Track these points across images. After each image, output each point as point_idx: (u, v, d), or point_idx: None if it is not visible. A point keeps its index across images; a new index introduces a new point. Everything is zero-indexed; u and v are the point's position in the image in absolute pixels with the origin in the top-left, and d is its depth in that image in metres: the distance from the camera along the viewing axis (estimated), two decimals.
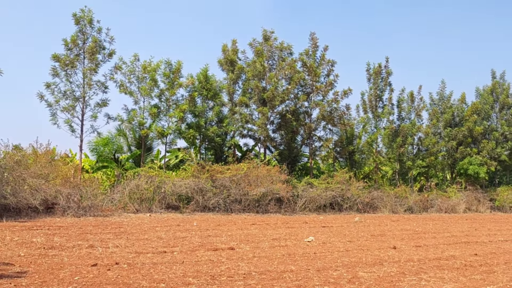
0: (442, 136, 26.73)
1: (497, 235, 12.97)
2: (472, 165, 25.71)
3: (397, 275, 6.56)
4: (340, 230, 13.06)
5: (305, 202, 19.66)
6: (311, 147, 23.06)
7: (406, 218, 19.09)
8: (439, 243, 10.68)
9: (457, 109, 27.35)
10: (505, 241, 11.67)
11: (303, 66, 22.04)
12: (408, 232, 13.06)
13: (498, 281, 6.36)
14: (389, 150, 24.53)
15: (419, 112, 25.31)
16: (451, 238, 11.97)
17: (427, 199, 23.65)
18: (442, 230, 13.99)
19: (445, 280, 6.38)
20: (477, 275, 6.79)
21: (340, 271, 6.79)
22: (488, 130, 27.89)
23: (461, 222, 17.77)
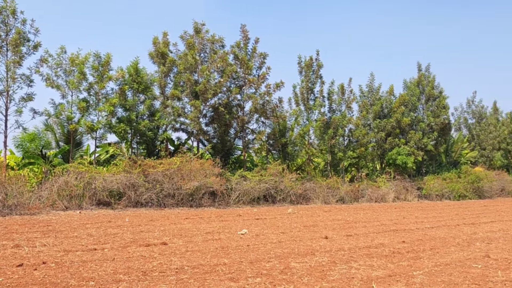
0: (372, 128, 30.22)
1: (424, 223, 14.60)
2: (400, 155, 29.39)
3: (328, 264, 7.27)
4: (273, 222, 14.20)
5: (239, 195, 21.49)
6: (244, 140, 25.35)
7: (338, 208, 21.30)
8: (369, 232, 11.83)
9: (385, 101, 31.00)
10: (431, 228, 13.11)
11: (235, 59, 24.23)
12: (340, 222, 14.47)
13: (424, 267, 7.18)
14: (321, 142, 27.47)
15: (350, 104, 28.47)
16: (381, 226, 13.30)
17: (358, 189, 26.76)
18: (372, 219, 15.64)
19: (374, 267, 7.09)
20: (405, 262, 7.61)
21: (272, 262, 7.42)
22: (415, 121, 31.87)
23: (390, 211, 20.03)
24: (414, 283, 6.12)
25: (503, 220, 15.73)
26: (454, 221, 15.41)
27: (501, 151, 40.44)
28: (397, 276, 6.54)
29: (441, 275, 6.63)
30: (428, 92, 32.29)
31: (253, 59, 24.71)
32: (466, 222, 14.87)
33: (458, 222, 15.06)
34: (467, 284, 6.14)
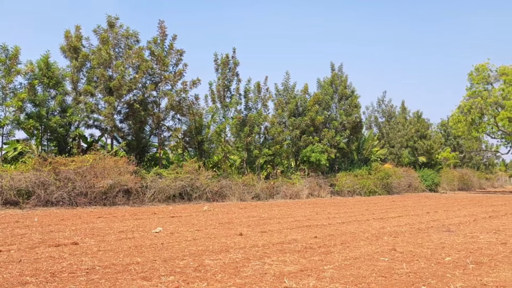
0: (287, 126, 32.69)
1: (335, 218, 15.64)
2: (314, 152, 32.07)
3: (242, 261, 7.64)
4: (188, 220, 14.83)
5: (154, 193, 22.55)
6: (160, 137, 26.61)
7: (253, 205, 22.76)
8: (283, 228, 12.54)
9: (300, 99, 33.61)
10: (343, 223, 14.06)
11: (151, 55, 25.41)
12: (255, 219, 15.26)
13: (335, 261, 7.68)
14: (237, 139, 29.37)
15: (265, 102, 30.68)
16: (294, 222, 14.13)
17: (273, 186, 28.98)
18: (286, 216, 16.63)
19: (287, 262, 7.55)
20: (316, 256, 8.10)
21: (187, 260, 7.70)
22: (329, 119, 34.85)
23: (304, 207, 21.48)
24: (324, 277, 6.54)
25: (409, 215, 17.17)
26: (364, 216, 16.67)
27: (408, 149, 45.05)
28: (308, 270, 6.96)
29: (350, 268, 7.14)
30: (341, 91, 35.41)
31: (170, 55, 26.02)
32: (375, 217, 16.08)
33: (368, 217, 16.26)
34: (374, 276, 6.61)
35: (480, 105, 40.32)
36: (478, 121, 41.93)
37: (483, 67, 43.81)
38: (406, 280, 6.41)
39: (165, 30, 26.16)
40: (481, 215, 16.98)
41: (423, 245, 9.52)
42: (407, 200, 28.98)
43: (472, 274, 6.76)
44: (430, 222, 14.51)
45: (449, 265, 7.43)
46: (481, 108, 40.58)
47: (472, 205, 23.16)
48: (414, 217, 16.17)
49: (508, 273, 6.89)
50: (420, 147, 46.38)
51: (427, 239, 10.37)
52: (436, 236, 10.91)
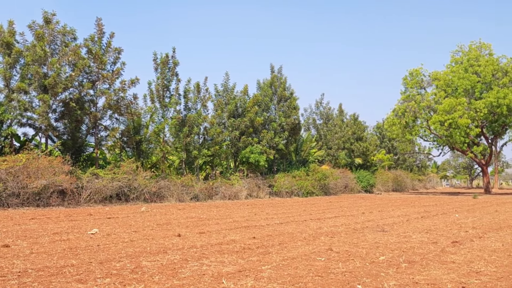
0: (226, 126, 33.70)
1: (274, 219, 16.05)
2: (253, 153, 33.23)
3: (180, 262, 7.72)
4: (125, 221, 14.88)
5: (90, 194, 22.75)
6: (97, 137, 26.82)
7: (192, 206, 23.21)
8: (222, 229, 12.71)
9: (240, 100, 34.73)
10: (281, 223, 14.41)
11: (89, 53, 25.63)
12: (193, 220, 15.51)
13: (272, 261, 7.84)
14: (176, 139, 30.02)
15: (205, 103, 31.55)
16: (233, 223, 14.40)
17: (212, 187, 29.83)
18: (225, 216, 16.99)
19: (225, 263, 7.65)
20: (254, 257, 8.24)
21: (123, 261, 7.69)
22: (268, 121, 36.17)
23: (243, 208, 22.03)
24: (262, 277, 6.66)
25: (345, 215, 17.73)
26: (302, 216, 17.11)
27: (345, 151, 47.32)
28: (246, 271, 7.07)
29: (287, 268, 7.29)
30: (280, 93, 36.83)
31: (108, 53, 26.34)
32: (313, 218, 16.54)
33: (306, 217, 16.68)
34: (311, 276, 6.79)
35: (414, 109, 42.96)
36: (411, 124, 44.57)
37: (416, 72, 46.75)
38: (342, 279, 6.63)
39: (102, 27, 26.42)
40: (414, 216, 17.68)
41: (358, 245, 9.84)
42: (344, 201, 30.38)
43: (405, 273, 7.02)
44: (366, 222, 15.02)
45: (383, 264, 7.72)
46: (415, 112, 43.23)
47: (405, 206, 24.29)
48: (350, 218, 16.73)
49: (439, 271, 7.19)
50: (357, 149, 48.77)
51: (362, 239, 10.75)
52: (371, 236, 11.28)
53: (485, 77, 41.92)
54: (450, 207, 23.19)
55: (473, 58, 44.36)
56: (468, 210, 20.62)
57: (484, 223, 14.59)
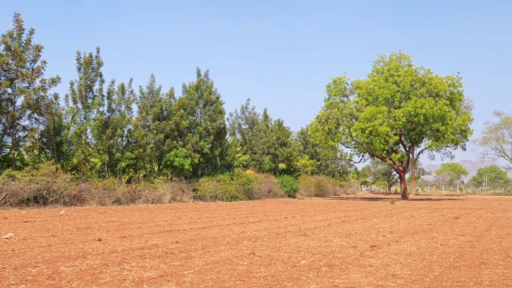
0: (151, 129, 33.97)
1: (197, 223, 16.37)
2: (178, 157, 33.71)
3: (99, 267, 7.69)
4: (43, 225, 14.75)
5: (5, 196, 22.28)
6: (14, 137, 26.23)
7: (113, 210, 23.31)
8: (144, 233, 12.82)
9: (165, 103, 35.12)
10: (204, 228, 14.65)
11: (7, 50, 25.09)
12: (115, 224, 15.61)
13: (195, 266, 7.95)
14: (99, 141, 29.94)
15: (129, 105, 31.67)
16: (156, 227, 14.60)
17: (135, 191, 29.96)
18: (147, 220, 17.22)
19: (147, 268, 7.70)
20: (177, 262, 8.34)
21: (40, 267, 7.59)
22: (193, 124, 36.81)
23: (166, 212, 22.43)
24: (184, 282, 6.75)
25: (268, 220, 18.23)
26: (225, 221, 17.50)
27: (269, 156, 48.82)
28: (168, 276, 7.15)
29: (210, 273, 7.41)
30: (206, 96, 37.59)
31: (28, 51, 25.85)
32: (236, 222, 16.96)
33: (229, 222, 17.08)
34: (234, 280, 6.93)
35: (337, 116, 45.02)
36: (334, 131, 46.56)
37: (340, 80, 49.05)
38: (264, 283, 6.78)
39: (21, 24, 25.92)
40: (335, 220, 18.30)
41: (280, 249, 10.09)
42: (267, 205, 31.29)
43: (325, 276, 7.26)
44: (288, 226, 15.42)
45: (304, 268, 7.94)
46: (337, 119, 45.29)
47: (326, 211, 25.10)
48: (273, 222, 17.16)
49: (357, 274, 7.47)
50: (281, 154, 50.39)
51: (284, 243, 11.03)
52: (293, 240, 11.60)
53: (404, 87, 44.63)
54: (369, 212, 24.33)
55: (393, 69, 47.10)
56: (386, 215, 21.68)
57: (400, 228, 15.34)
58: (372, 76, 49.04)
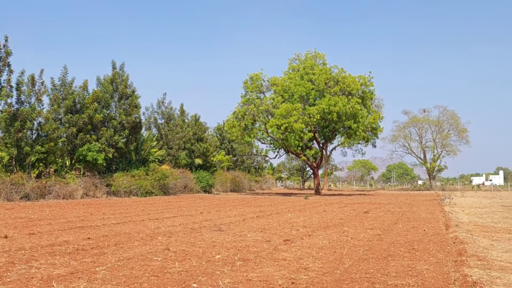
0: (63, 122, 33.33)
1: (110, 219, 16.38)
2: (91, 151, 33.36)
3: (5, 265, 7.51)
4: None
5: None
6: None
7: (22, 206, 23.01)
8: (54, 229, 12.63)
9: (78, 96, 34.56)
10: (118, 224, 14.66)
11: None
12: (23, 220, 15.48)
13: (107, 262, 7.92)
14: (6, 134, 29.02)
15: (40, 97, 30.90)
16: (67, 223, 14.46)
17: (45, 186, 29.33)
18: (58, 216, 17.06)
19: (57, 265, 7.58)
20: (89, 258, 8.29)
21: None
22: (108, 118, 36.48)
23: (78, 208, 22.31)
24: (96, 279, 6.70)
25: (184, 215, 18.49)
26: (140, 216, 17.61)
27: (186, 151, 49.21)
28: (79, 273, 7.07)
29: (123, 269, 7.38)
30: (122, 90, 37.41)
31: None
32: (151, 218, 17.07)
33: (144, 217, 17.18)
34: (147, 276, 6.96)
35: (253, 112, 46.15)
36: (250, 127, 47.71)
37: (257, 77, 50.28)
38: (178, 278, 6.85)
39: None
40: (250, 215, 18.73)
41: (195, 244, 10.23)
42: (183, 201, 31.74)
43: (239, 271, 7.41)
44: (203, 222, 15.65)
45: (219, 262, 8.10)
46: (254, 115, 46.43)
47: (242, 206, 25.79)
48: (188, 217, 17.40)
49: (271, 268, 7.67)
50: (197, 149, 50.90)
51: (199, 238, 11.19)
52: (208, 235, 11.80)
53: (319, 85, 46.58)
54: (284, 207, 25.30)
55: (309, 67, 49.00)
56: (300, 210, 22.47)
57: (313, 222, 15.88)
58: (288, 73, 50.65)
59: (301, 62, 50.87)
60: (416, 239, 11.71)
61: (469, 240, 11.22)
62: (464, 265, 7.98)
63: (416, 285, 6.66)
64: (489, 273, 7.41)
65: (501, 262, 8.51)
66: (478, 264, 8.09)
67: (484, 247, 10.26)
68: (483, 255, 9.10)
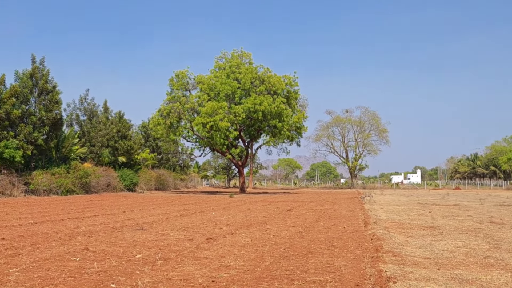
0: None
1: (28, 218, 16.00)
2: (8, 148, 32.39)
3: None
4: None
5: None
6: None
7: None
8: None
9: None
10: (35, 223, 14.31)
11: None
12: None
13: (22, 263, 7.75)
14: None
15: None
16: None
17: None
18: None
19: None
20: (1, 260, 8.03)
21: None
22: (26, 114, 35.47)
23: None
24: (9, 281, 6.50)
25: (105, 214, 18.32)
26: (59, 216, 17.25)
27: (109, 148, 48.55)
28: None
29: (38, 270, 7.22)
30: (42, 85, 36.54)
31: None
32: (71, 217, 16.76)
33: (63, 217, 16.83)
34: (64, 277, 6.79)
35: (179, 110, 46.32)
36: (176, 125, 47.83)
37: (183, 74, 50.44)
38: (96, 279, 6.73)
39: None
40: (174, 214, 18.76)
41: (116, 244, 10.13)
42: (105, 199, 31.61)
43: (160, 270, 7.38)
44: (126, 221, 15.52)
45: (139, 262, 8.04)
46: (179, 113, 46.62)
47: (166, 204, 25.74)
48: (110, 216, 17.24)
49: (192, 267, 7.68)
50: (121, 147, 50.34)
51: (120, 238, 11.09)
52: (130, 235, 11.70)
53: (245, 84, 47.49)
54: (208, 205, 25.41)
55: (235, 65, 49.77)
56: (224, 208, 22.72)
57: (237, 221, 16.00)
58: (214, 72, 51.17)
59: (227, 61, 51.47)
60: (336, 236, 12.00)
61: (385, 236, 11.58)
62: (379, 261, 8.25)
63: (333, 281, 6.84)
64: (402, 268, 7.71)
65: (415, 257, 8.86)
66: (393, 260, 8.43)
67: (399, 243, 10.62)
68: (398, 251, 9.45)
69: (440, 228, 14.09)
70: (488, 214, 19.92)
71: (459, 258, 8.77)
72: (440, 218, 17.80)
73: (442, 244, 10.60)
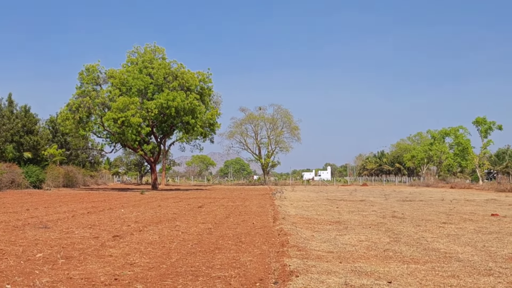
0: None
1: None
2: None
3: None
4: None
5: None
6: None
7: None
8: None
9: None
10: None
11: None
12: None
13: None
14: None
15: None
16: None
17: None
18: None
19: None
20: None
21: None
22: None
23: None
24: None
25: (7, 212, 17.96)
26: None
27: (13, 144, 46.72)
28: None
29: None
30: None
31: None
32: None
33: None
34: None
35: (89, 105, 45.41)
36: (86, 120, 46.83)
37: (93, 68, 49.42)
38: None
39: None
40: (81, 211, 18.58)
41: (16, 243, 9.94)
42: (8, 197, 30.51)
43: (61, 269, 7.26)
44: (28, 219, 15.23)
45: (40, 261, 7.87)
46: (89, 108, 45.71)
47: (74, 202, 25.34)
48: (12, 215, 16.85)
49: (95, 265, 7.62)
50: (27, 142, 48.67)
51: (21, 236, 10.92)
52: (32, 233, 11.50)
53: (158, 79, 47.34)
54: (118, 202, 25.51)
55: (148, 60, 49.46)
56: (134, 205, 22.82)
57: (146, 217, 16.18)
58: (126, 66, 50.49)
59: (140, 56, 51.03)
60: (245, 232, 12.28)
61: (292, 232, 11.92)
62: (285, 255, 8.54)
63: (238, 276, 7.02)
64: (306, 262, 7.98)
65: (319, 251, 9.21)
66: (297, 254, 8.72)
67: (305, 238, 10.97)
68: (303, 246, 9.77)
69: (345, 223, 14.80)
70: (391, 209, 21.28)
71: (360, 252, 9.26)
72: (346, 213, 18.67)
73: (345, 238, 11.14)
